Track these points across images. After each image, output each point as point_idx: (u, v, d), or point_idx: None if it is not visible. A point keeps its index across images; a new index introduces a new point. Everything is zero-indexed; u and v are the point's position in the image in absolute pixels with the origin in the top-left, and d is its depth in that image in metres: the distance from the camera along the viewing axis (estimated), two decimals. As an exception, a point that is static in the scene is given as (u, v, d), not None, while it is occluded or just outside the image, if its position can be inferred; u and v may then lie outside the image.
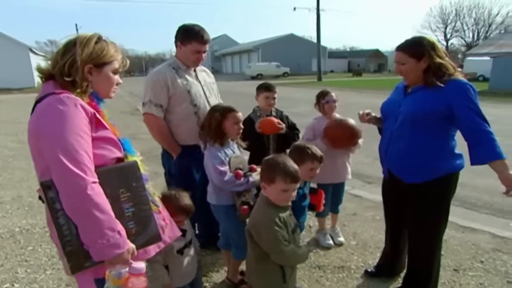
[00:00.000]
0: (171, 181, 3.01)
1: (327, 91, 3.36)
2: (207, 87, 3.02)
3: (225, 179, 2.42)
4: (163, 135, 2.89)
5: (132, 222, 1.54)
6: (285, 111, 3.50)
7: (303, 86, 28.60)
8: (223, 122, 2.53)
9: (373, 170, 5.86)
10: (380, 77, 43.37)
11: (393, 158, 2.51)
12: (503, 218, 4.14)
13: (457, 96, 2.20)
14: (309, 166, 2.38)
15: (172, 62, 2.94)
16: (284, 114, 3.44)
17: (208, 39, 2.86)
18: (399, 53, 2.35)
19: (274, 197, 1.96)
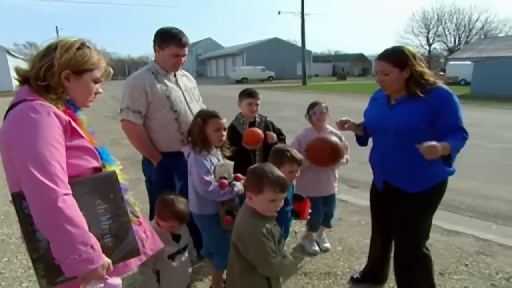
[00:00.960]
0: (152, 189, 2.95)
1: (316, 102, 3.32)
2: (188, 92, 2.97)
3: (210, 189, 2.38)
4: (142, 142, 2.82)
5: (109, 235, 1.48)
6: (270, 116, 3.48)
7: (288, 90, 28.73)
8: (205, 128, 2.48)
9: (358, 174, 5.89)
10: (364, 81, 43.86)
11: (392, 171, 2.48)
12: (485, 221, 4.20)
13: (440, 104, 2.21)
14: (288, 169, 2.38)
15: (151, 67, 2.88)
16: (268, 120, 3.41)
17: (186, 42, 2.81)
18: (381, 62, 2.31)
19: (261, 208, 1.91)
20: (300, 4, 37.14)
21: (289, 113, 13.06)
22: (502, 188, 5.17)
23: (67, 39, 1.52)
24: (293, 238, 3.77)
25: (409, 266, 2.52)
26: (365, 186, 5.53)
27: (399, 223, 2.52)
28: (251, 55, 52.95)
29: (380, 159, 2.53)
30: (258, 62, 47.87)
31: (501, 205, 4.65)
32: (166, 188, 2.68)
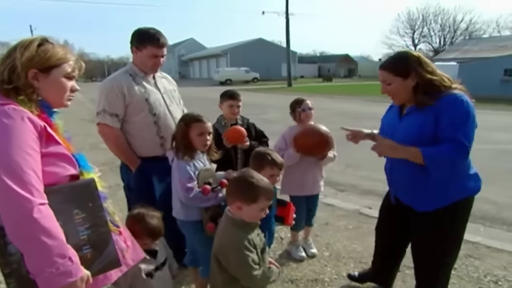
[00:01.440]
0: (130, 196, 2.90)
1: (302, 99, 3.33)
2: (168, 95, 2.94)
3: (191, 195, 2.36)
4: (119, 146, 2.78)
5: (88, 246, 1.45)
6: (255, 118, 3.48)
7: (273, 91, 28.82)
8: (189, 132, 2.46)
9: (345, 177, 5.93)
10: (350, 82, 44.39)
11: (399, 185, 2.40)
12: (473, 223, 4.26)
13: (441, 112, 2.04)
14: (269, 173, 2.36)
15: (129, 69, 2.84)
16: (250, 122, 3.42)
17: (164, 43, 2.78)
18: (383, 72, 2.22)
19: (251, 217, 1.89)
20: (285, 4, 37.40)
21: (274, 115, 13.09)
22: (490, 190, 5.27)
23: (27, 38, 1.49)
24: (279, 244, 3.77)
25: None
26: (352, 190, 5.59)
27: (416, 244, 2.39)
28: (235, 56, 52.96)
29: (389, 171, 2.44)
30: (242, 63, 47.93)
31: (488, 207, 4.75)
32: (144, 195, 2.64)
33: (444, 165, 2.06)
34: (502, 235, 4.03)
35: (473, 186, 2.22)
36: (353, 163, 6.83)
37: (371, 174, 6.14)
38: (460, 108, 2.03)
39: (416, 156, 2.03)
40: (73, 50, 1.57)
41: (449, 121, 2.02)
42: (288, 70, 37.68)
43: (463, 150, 2.02)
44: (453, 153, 2.01)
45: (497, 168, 6.56)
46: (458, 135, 1.99)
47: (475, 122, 2.06)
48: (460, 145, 2.00)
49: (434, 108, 2.06)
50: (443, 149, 2.01)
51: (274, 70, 53.63)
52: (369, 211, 4.66)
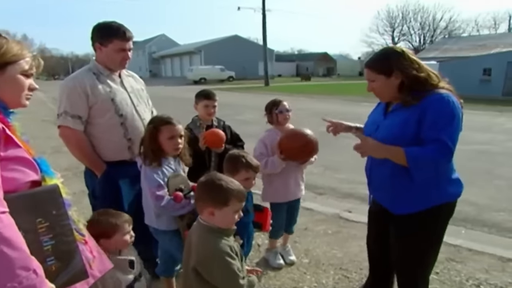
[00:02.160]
0: (96, 204, 2.82)
1: (279, 100, 3.32)
2: (135, 94, 2.89)
3: (162, 204, 2.33)
4: (83, 150, 2.70)
5: (52, 257, 1.40)
6: (230, 119, 3.48)
7: (250, 91, 28.86)
8: (158, 136, 2.43)
9: (324, 180, 5.99)
10: (329, 82, 44.92)
11: (377, 186, 2.41)
12: (454, 226, 4.36)
13: (425, 112, 2.04)
14: (244, 176, 2.36)
15: (92, 67, 2.77)
16: (226, 124, 3.42)
17: (131, 36, 2.75)
18: (367, 70, 2.22)
19: (225, 221, 1.88)
20: (261, 0, 37.52)
21: (251, 116, 13.10)
22: (469, 191, 5.38)
23: None
24: (256, 251, 3.76)
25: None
26: (332, 193, 5.66)
27: (395, 250, 2.40)
28: (209, 54, 52.83)
29: (368, 172, 2.45)
30: (217, 61, 47.85)
31: (469, 209, 4.89)
32: (111, 203, 2.58)
33: (427, 167, 2.07)
34: (483, 237, 4.16)
35: (454, 191, 2.24)
36: (332, 165, 6.91)
37: (351, 177, 6.22)
38: (446, 108, 2.03)
39: (399, 156, 2.03)
40: (32, 45, 1.53)
41: (433, 121, 2.02)
42: (265, 69, 37.87)
43: (447, 152, 2.02)
44: (436, 155, 2.01)
45: (476, 168, 6.77)
46: (442, 136, 1.99)
47: (460, 125, 2.08)
48: (444, 147, 2.00)
49: (419, 107, 2.06)
50: (426, 150, 2.01)
51: (250, 68, 53.78)
52: (349, 215, 4.71)
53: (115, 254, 2.09)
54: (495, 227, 4.43)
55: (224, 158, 2.52)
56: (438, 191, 2.17)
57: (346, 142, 2.69)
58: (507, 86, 22.80)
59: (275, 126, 3.33)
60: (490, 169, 6.89)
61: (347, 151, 2.34)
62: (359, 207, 4.89)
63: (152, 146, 2.41)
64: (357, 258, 3.59)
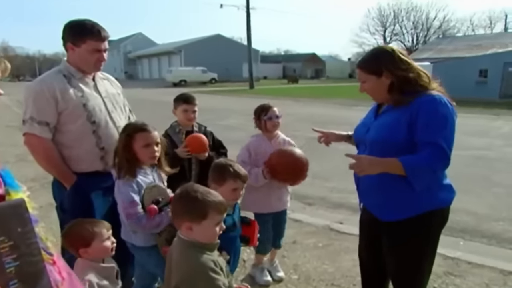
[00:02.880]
0: (64, 218, 2.75)
1: (268, 105, 3.32)
2: (110, 100, 2.83)
3: (134, 223, 2.31)
4: (51, 160, 2.63)
5: (15, 280, 1.35)
6: (212, 124, 3.47)
7: (233, 94, 28.93)
8: (132, 144, 2.39)
9: (313, 189, 5.99)
10: (318, 84, 45.29)
11: (365, 192, 2.45)
12: (452, 237, 4.42)
13: (416, 114, 2.10)
14: (232, 186, 2.34)
15: (63, 69, 2.71)
16: (208, 130, 3.41)
17: (106, 36, 2.70)
18: (358, 70, 2.32)
19: (206, 236, 1.86)
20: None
21: (235, 121, 13.11)
22: (467, 200, 5.49)
23: None
24: (241, 267, 3.72)
25: None
26: (321, 203, 5.66)
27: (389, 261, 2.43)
28: (190, 54, 52.81)
29: (356, 177, 2.47)
30: (198, 62, 47.85)
31: (467, 218, 4.95)
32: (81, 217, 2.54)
33: (425, 174, 2.10)
34: (482, 248, 4.20)
35: (446, 197, 2.28)
36: (322, 173, 6.92)
37: (341, 185, 6.23)
38: (438, 110, 2.08)
39: (397, 168, 2.06)
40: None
41: (426, 124, 2.07)
42: (250, 70, 37.98)
43: (443, 156, 2.06)
44: (432, 160, 2.05)
45: (473, 175, 6.86)
46: (436, 139, 2.04)
47: (455, 127, 2.12)
48: (439, 151, 2.04)
49: (409, 109, 2.12)
50: (422, 157, 2.05)
51: (234, 70, 53.94)
52: (340, 226, 4.71)
53: (99, 262, 2.10)
54: (495, 238, 4.47)
55: (210, 167, 2.49)
56: (429, 197, 2.20)
57: (336, 148, 2.70)
58: (504, 88, 23.30)
59: (263, 132, 3.33)
60: (488, 176, 6.99)
61: (337, 158, 2.35)
62: (351, 218, 4.88)
63: (127, 155, 2.37)
64: (350, 273, 3.57)
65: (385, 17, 64.25)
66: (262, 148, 3.24)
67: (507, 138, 10.62)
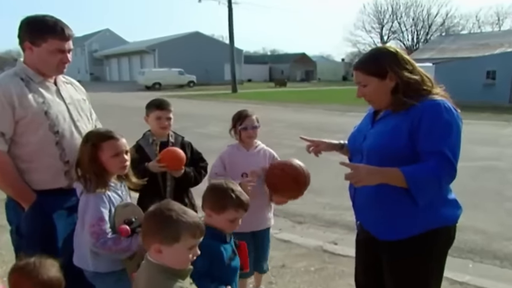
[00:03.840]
0: (21, 243, 2.69)
1: (246, 113, 3.33)
2: (75, 106, 2.80)
3: (102, 242, 2.26)
4: (6, 176, 2.57)
5: None
6: (190, 132, 3.45)
7: (214, 99, 28.97)
8: (99, 155, 2.37)
9: (304, 206, 5.96)
10: (308, 87, 45.60)
11: (362, 208, 2.44)
12: (460, 258, 4.43)
13: (419, 121, 2.13)
14: (232, 216, 2.24)
15: (19, 71, 2.66)
16: (186, 141, 3.39)
17: (70, 35, 2.67)
18: (357, 72, 2.33)
19: (177, 260, 1.85)
20: (227, -10, 37.96)
21: (216, 129, 13.07)
22: (476, 216, 5.53)
23: None
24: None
25: None
26: (313, 221, 5.65)
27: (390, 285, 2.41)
28: (165, 54, 52.75)
29: (352, 192, 2.47)
30: (174, 63, 47.79)
31: (476, 237, 4.97)
32: (42, 242, 2.50)
33: (430, 187, 2.11)
34: (494, 271, 4.21)
35: (451, 213, 2.29)
36: (314, 187, 6.84)
37: (335, 201, 6.23)
38: (442, 116, 2.12)
39: (398, 179, 2.07)
40: None
41: (429, 131, 2.10)
42: (233, 72, 38.08)
43: (449, 167, 2.07)
44: (437, 171, 2.06)
45: (482, 189, 6.94)
46: (441, 148, 2.06)
47: (461, 135, 2.15)
48: (444, 161, 2.06)
49: (410, 114, 2.16)
50: (426, 168, 2.06)
51: (214, 72, 54.00)
52: (334, 247, 4.70)
53: None
54: (508, 259, 4.49)
55: (207, 188, 2.41)
56: (432, 214, 2.21)
57: (329, 159, 2.69)
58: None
59: (239, 142, 3.34)
60: (498, 189, 7.05)
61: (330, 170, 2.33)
62: (347, 237, 4.88)
63: (94, 168, 2.36)
64: (346, 301, 3.56)
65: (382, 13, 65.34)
66: (238, 159, 3.25)
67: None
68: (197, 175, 3.27)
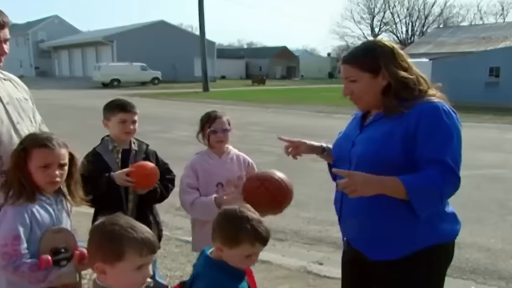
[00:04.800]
0: None
1: (215, 114, 3.31)
2: (15, 107, 2.75)
3: (13, 266, 2.17)
4: None
5: None
6: (156, 138, 3.45)
7: (183, 99, 28.87)
8: (27, 162, 2.33)
9: (285, 221, 5.96)
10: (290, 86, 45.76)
11: (349, 223, 2.44)
12: (461, 279, 4.48)
13: (416, 125, 2.15)
14: (247, 252, 2.07)
15: None
16: (151, 150, 3.36)
17: (6, 22, 2.62)
18: (346, 66, 2.33)
19: (122, 283, 1.83)
20: (197, -26, 37.90)
21: (184, 133, 12.95)
22: (479, 231, 5.61)
23: None
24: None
25: None
26: (296, 238, 5.64)
27: None
28: (125, 46, 52.35)
29: (338, 205, 2.48)
30: (136, 57, 47.50)
31: (479, 255, 5.02)
32: None
33: (433, 199, 2.13)
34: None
35: (449, 229, 2.31)
36: (296, 200, 6.83)
37: (320, 215, 6.24)
38: (444, 121, 2.14)
39: (397, 189, 2.07)
40: None
41: (429, 137, 2.12)
42: (204, 68, 37.98)
43: (452, 178, 2.09)
44: (441, 181, 2.07)
45: (485, 201, 7.04)
46: (442, 157, 2.08)
47: (461, 141, 2.17)
48: (448, 170, 2.08)
49: (406, 118, 2.17)
50: (428, 177, 2.07)
51: (183, 67, 53.82)
52: (320, 268, 4.72)
53: None
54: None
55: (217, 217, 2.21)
56: (428, 229, 2.22)
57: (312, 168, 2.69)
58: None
59: (209, 147, 3.33)
60: (503, 200, 7.16)
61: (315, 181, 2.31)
62: (333, 256, 4.87)
63: (19, 175, 2.30)
64: (333, 329, 3.57)
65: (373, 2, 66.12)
66: (211, 168, 3.23)
67: (525, 153, 10.93)
68: (163, 190, 3.23)
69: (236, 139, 3.37)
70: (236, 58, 72.20)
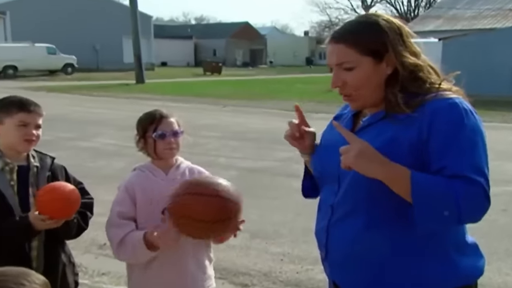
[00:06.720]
0: None
1: (161, 113, 3.27)
2: None
3: None
4: None
5: None
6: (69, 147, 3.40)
7: (108, 94, 28.75)
8: None
9: (251, 259, 5.99)
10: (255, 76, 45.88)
11: (337, 260, 2.40)
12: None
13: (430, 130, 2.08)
14: None
15: None
16: (58, 164, 3.32)
17: None
18: (338, 46, 2.23)
19: None
20: None
21: (110, 142, 12.92)
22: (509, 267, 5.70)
23: None
24: None
25: None
26: (265, 282, 5.65)
27: None
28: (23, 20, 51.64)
29: (323, 236, 2.44)
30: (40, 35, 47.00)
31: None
32: None
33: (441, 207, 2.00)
34: None
35: (470, 267, 2.28)
36: (264, 230, 6.90)
37: (297, 250, 6.27)
38: (466, 124, 2.09)
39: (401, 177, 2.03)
40: None
41: (447, 147, 2.06)
42: (137, 52, 37.82)
43: (480, 197, 2.01)
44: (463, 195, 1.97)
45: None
46: (470, 173, 2.01)
47: (487, 149, 2.13)
48: (476, 189, 2.00)
49: (415, 120, 2.12)
50: (447, 181, 1.99)
51: (108, 50, 53.57)
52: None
53: None
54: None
55: None
56: (445, 266, 2.21)
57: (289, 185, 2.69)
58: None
59: (152, 160, 3.30)
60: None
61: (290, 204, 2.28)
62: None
63: None
64: None
65: (364, -36, 66.79)
66: (154, 189, 3.17)
67: None
68: (80, 220, 3.14)
69: (184, 149, 3.30)
70: (182, 38, 71.94)
